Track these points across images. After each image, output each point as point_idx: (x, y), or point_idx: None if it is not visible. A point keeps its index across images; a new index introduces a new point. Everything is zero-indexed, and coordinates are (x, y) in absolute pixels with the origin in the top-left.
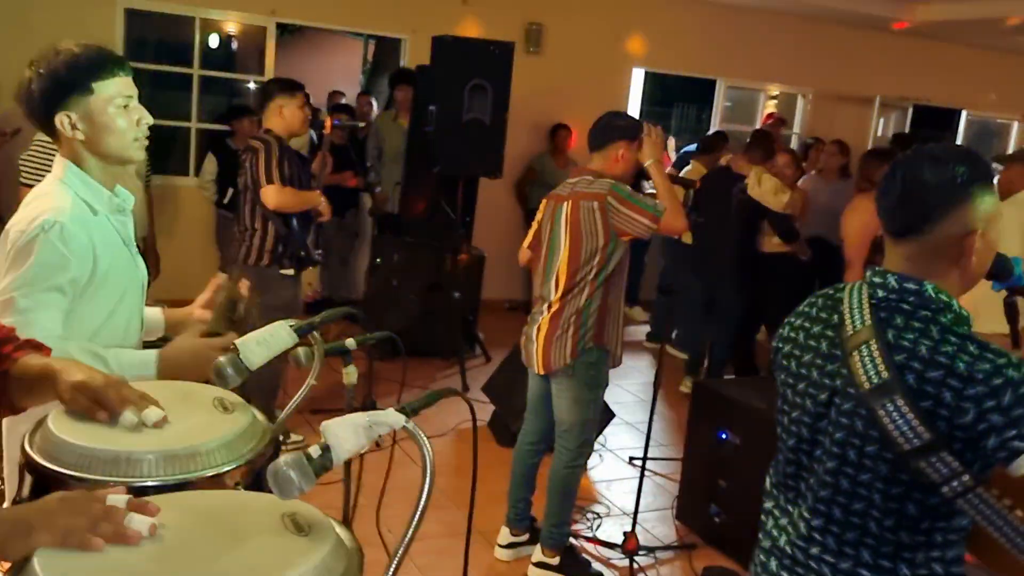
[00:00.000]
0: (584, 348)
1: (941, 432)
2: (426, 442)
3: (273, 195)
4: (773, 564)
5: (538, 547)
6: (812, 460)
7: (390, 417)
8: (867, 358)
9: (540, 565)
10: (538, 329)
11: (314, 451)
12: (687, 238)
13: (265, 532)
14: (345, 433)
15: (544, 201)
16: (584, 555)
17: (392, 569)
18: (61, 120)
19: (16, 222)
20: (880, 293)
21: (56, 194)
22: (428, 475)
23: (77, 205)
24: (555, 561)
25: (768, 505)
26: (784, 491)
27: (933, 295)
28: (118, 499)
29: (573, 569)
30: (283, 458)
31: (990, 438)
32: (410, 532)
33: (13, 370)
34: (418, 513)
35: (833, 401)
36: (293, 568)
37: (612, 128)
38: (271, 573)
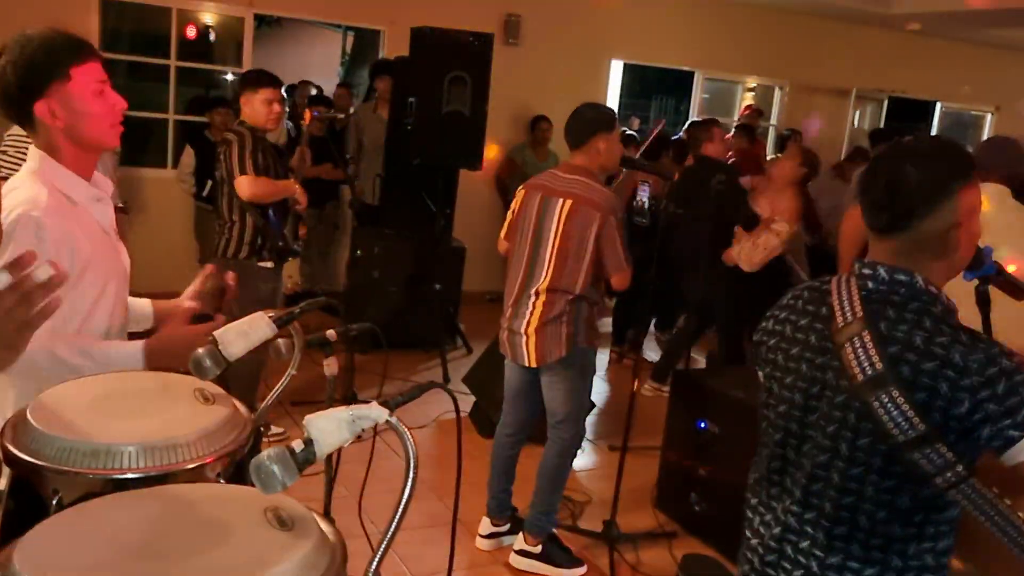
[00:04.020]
0: (576, 345)
1: (936, 423)
2: (409, 437)
3: (247, 186)
4: (758, 561)
5: (520, 535)
6: (800, 455)
7: (373, 411)
8: (860, 350)
9: (522, 553)
10: (527, 323)
11: (297, 445)
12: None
13: (248, 526)
14: (328, 427)
15: (523, 191)
16: (565, 544)
17: (375, 564)
18: (41, 109)
19: None
20: (870, 285)
21: (30, 186)
22: (411, 469)
23: (54, 197)
24: (537, 549)
25: (753, 501)
26: (769, 486)
27: (923, 287)
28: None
29: (555, 557)
30: (266, 452)
31: (985, 428)
32: (393, 526)
33: None
34: (401, 507)
35: (824, 394)
36: (277, 564)
37: (589, 122)
38: (255, 569)
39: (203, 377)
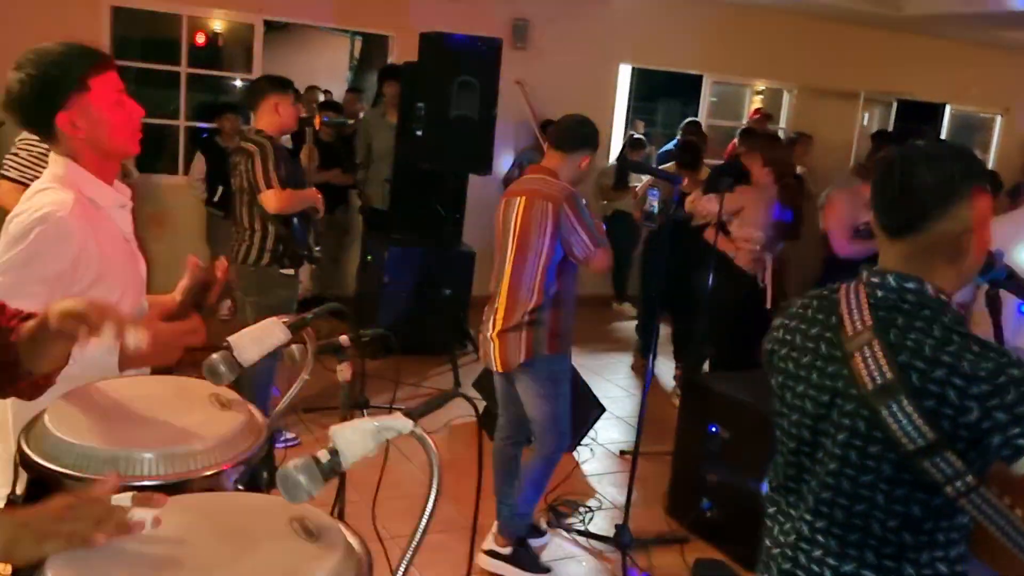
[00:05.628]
0: (538, 353)
1: (945, 431)
2: (433, 449)
3: (274, 200)
4: (776, 568)
5: (491, 535)
6: (814, 462)
7: (398, 422)
8: (870, 359)
9: (491, 553)
10: (492, 328)
11: (323, 455)
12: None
13: (275, 537)
14: (354, 437)
15: (502, 200)
16: (534, 551)
17: (402, 570)
18: (62, 120)
19: (17, 212)
20: (879, 293)
21: (57, 190)
22: (435, 480)
23: (80, 202)
24: (507, 551)
25: (771, 510)
26: (785, 494)
27: (933, 294)
28: (122, 498)
29: (524, 561)
30: (292, 462)
31: (994, 436)
32: (417, 537)
33: (19, 338)
34: (425, 517)
35: (835, 402)
36: (310, 575)
37: (582, 136)
38: None
39: (218, 383)
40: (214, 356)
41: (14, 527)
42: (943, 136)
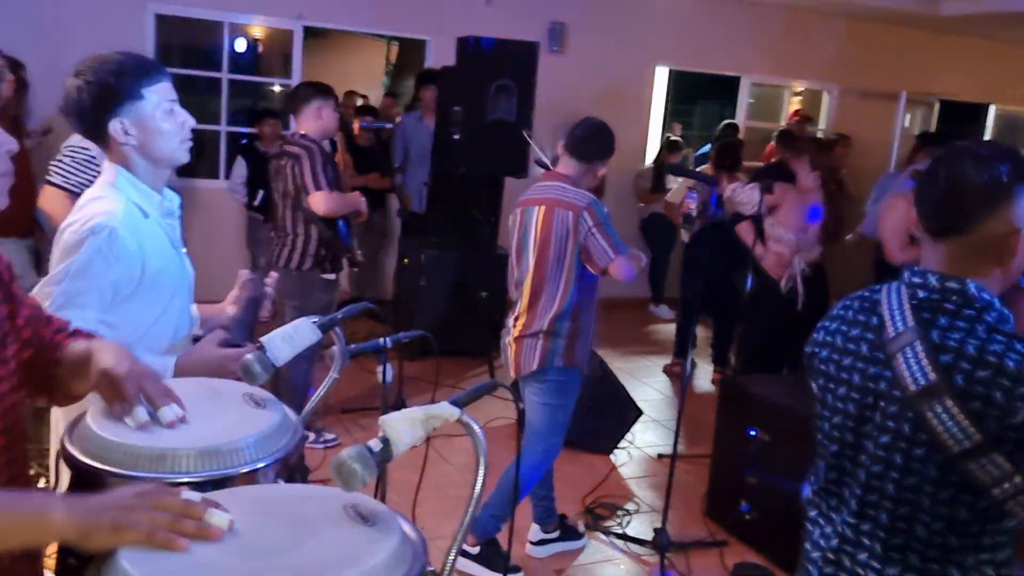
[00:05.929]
0: (552, 364)
1: (991, 433)
2: (479, 433)
3: (322, 201)
4: (817, 573)
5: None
6: (856, 465)
7: (445, 410)
8: (912, 360)
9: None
10: (511, 334)
11: (375, 444)
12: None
13: (333, 523)
14: (403, 426)
15: (517, 209)
16: (503, 549)
17: (453, 553)
18: (115, 127)
19: (70, 223)
20: (921, 293)
21: (109, 198)
22: (483, 465)
23: (129, 210)
24: (475, 550)
25: (812, 513)
26: (827, 498)
27: (976, 294)
28: (192, 495)
29: (493, 562)
30: (346, 451)
31: None
32: (469, 514)
33: (64, 356)
34: (474, 498)
35: (878, 404)
36: (374, 556)
37: (600, 145)
38: (353, 562)
39: (253, 383)
40: (248, 356)
41: (91, 514)
42: (988, 137)
